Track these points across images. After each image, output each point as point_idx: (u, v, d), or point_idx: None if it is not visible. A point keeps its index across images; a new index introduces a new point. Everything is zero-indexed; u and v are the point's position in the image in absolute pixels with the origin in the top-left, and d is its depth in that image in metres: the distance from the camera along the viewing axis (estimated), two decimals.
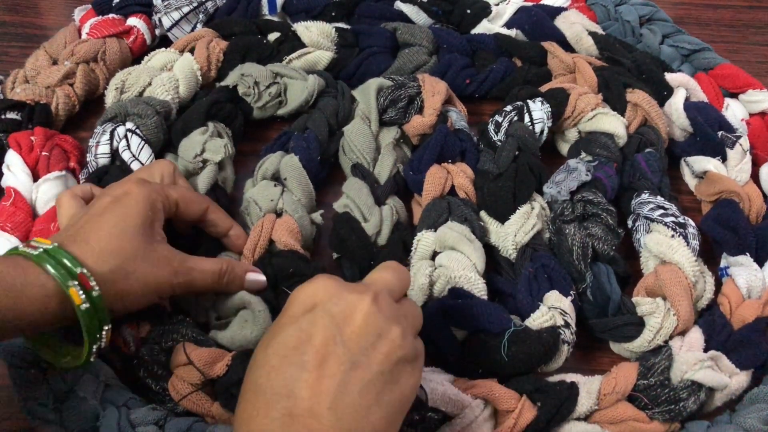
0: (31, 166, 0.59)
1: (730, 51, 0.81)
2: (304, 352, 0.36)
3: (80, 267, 0.42)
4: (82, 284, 0.42)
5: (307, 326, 0.37)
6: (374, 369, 0.37)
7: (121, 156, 0.60)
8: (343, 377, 0.36)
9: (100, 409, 0.47)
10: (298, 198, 0.59)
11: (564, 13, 0.77)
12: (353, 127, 0.64)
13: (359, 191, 0.59)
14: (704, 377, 0.50)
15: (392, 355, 0.38)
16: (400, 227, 0.59)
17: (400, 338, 0.38)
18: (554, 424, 0.49)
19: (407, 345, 0.39)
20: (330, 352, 0.36)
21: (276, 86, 0.67)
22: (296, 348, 0.36)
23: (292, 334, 0.37)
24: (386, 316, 0.38)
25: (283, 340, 0.37)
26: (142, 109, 0.61)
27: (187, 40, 0.71)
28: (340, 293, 0.38)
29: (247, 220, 0.58)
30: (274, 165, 0.60)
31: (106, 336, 0.44)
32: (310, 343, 0.36)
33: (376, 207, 0.58)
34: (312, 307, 0.38)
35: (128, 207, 0.47)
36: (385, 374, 0.37)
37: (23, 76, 0.67)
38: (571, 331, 0.52)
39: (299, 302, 0.39)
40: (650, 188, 0.61)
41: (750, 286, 0.56)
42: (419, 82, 0.66)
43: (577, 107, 0.66)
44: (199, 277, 0.49)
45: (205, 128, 0.62)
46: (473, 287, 0.53)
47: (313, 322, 0.37)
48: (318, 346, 0.36)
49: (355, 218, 0.58)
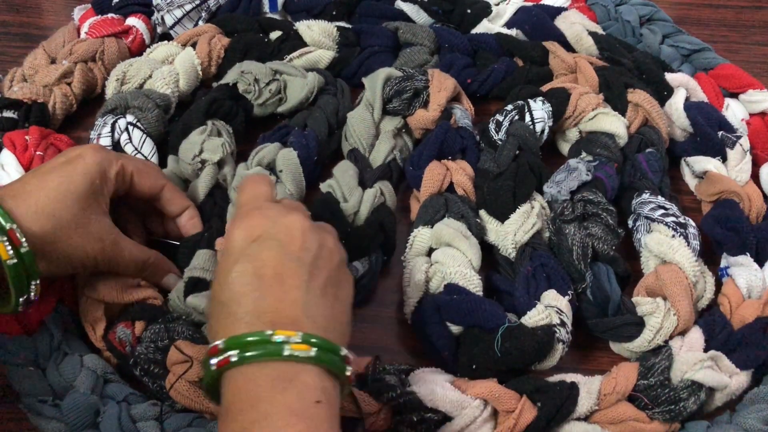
0: (26, 165, 0.59)
1: (730, 51, 0.81)
2: (262, 275, 0.39)
3: (11, 223, 0.43)
4: (11, 240, 0.43)
5: (258, 253, 0.40)
6: (324, 274, 0.41)
7: (123, 149, 0.60)
8: (306, 286, 0.39)
9: (101, 405, 0.47)
10: (290, 192, 0.59)
11: (564, 13, 0.77)
12: (356, 114, 0.64)
13: (345, 172, 0.60)
14: (704, 377, 0.50)
15: (334, 259, 0.42)
16: (383, 210, 0.59)
17: (335, 244, 0.44)
18: (554, 425, 0.49)
19: (341, 248, 0.44)
20: (287, 269, 0.39)
21: (276, 83, 0.67)
22: (255, 274, 0.39)
23: (247, 264, 0.39)
24: (316, 228, 0.43)
25: (241, 270, 0.39)
26: (143, 102, 0.62)
27: (190, 35, 0.71)
28: (274, 219, 0.41)
29: (235, 197, 0.58)
30: (271, 154, 0.60)
31: (35, 289, 0.45)
32: (267, 267, 0.39)
33: (358, 188, 0.59)
34: (256, 238, 0.40)
35: (76, 172, 0.47)
36: (332, 276, 0.42)
37: (21, 74, 0.67)
38: (566, 330, 0.52)
39: (241, 238, 0.41)
40: (651, 188, 0.61)
41: (750, 286, 0.56)
42: (428, 77, 0.66)
43: (578, 107, 0.66)
44: (123, 262, 0.49)
45: (204, 127, 0.61)
46: (469, 283, 0.53)
47: (262, 249, 0.40)
48: (275, 266, 0.39)
49: (335, 198, 0.58)
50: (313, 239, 0.41)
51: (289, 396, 0.35)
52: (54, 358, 0.49)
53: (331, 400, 0.37)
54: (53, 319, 0.50)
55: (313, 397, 0.36)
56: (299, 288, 0.39)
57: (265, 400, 0.35)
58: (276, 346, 0.36)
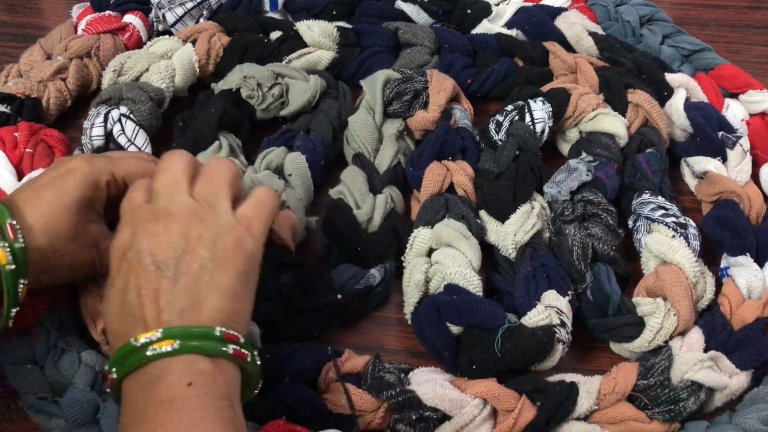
0: (16, 163, 0.59)
1: (730, 51, 0.81)
2: (131, 297, 0.40)
3: (9, 218, 0.44)
4: (8, 240, 0.43)
5: (127, 272, 0.41)
6: (195, 264, 0.41)
7: (116, 140, 0.60)
8: (173, 290, 0.40)
9: (100, 401, 0.47)
10: (299, 197, 0.59)
11: (564, 14, 0.77)
12: (357, 118, 0.64)
13: (355, 178, 0.60)
14: (704, 377, 0.50)
15: (201, 255, 0.41)
16: (395, 216, 0.59)
17: (200, 238, 0.42)
18: (554, 424, 0.49)
19: (209, 235, 0.42)
20: (156, 280, 0.40)
21: (278, 87, 0.66)
22: (125, 290, 0.40)
23: (120, 284, 0.41)
24: (182, 225, 0.42)
25: (113, 295, 0.41)
26: (136, 95, 0.62)
27: (191, 31, 0.71)
28: (140, 231, 0.42)
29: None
30: (278, 158, 0.60)
31: (23, 289, 0.45)
32: (134, 283, 0.40)
33: (370, 195, 0.59)
34: (123, 255, 0.41)
35: (67, 185, 0.47)
36: (205, 265, 0.41)
37: (17, 70, 0.67)
38: (566, 331, 0.52)
39: (113, 257, 0.42)
40: (651, 188, 0.61)
41: (750, 286, 0.56)
42: (427, 77, 0.66)
43: (578, 107, 0.66)
44: None
45: (218, 144, 0.61)
46: (468, 284, 0.53)
47: (128, 268, 0.41)
48: (142, 282, 0.40)
49: (348, 205, 0.58)
50: (175, 242, 0.41)
51: (159, 390, 0.37)
52: (52, 356, 0.49)
53: (206, 380, 0.38)
54: (49, 316, 0.50)
55: (183, 382, 0.37)
56: (167, 293, 0.40)
57: (139, 400, 0.37)
58: (140, 351, 0.38)
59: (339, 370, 0.49)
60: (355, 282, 0.55)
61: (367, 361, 0.49)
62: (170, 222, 0.42)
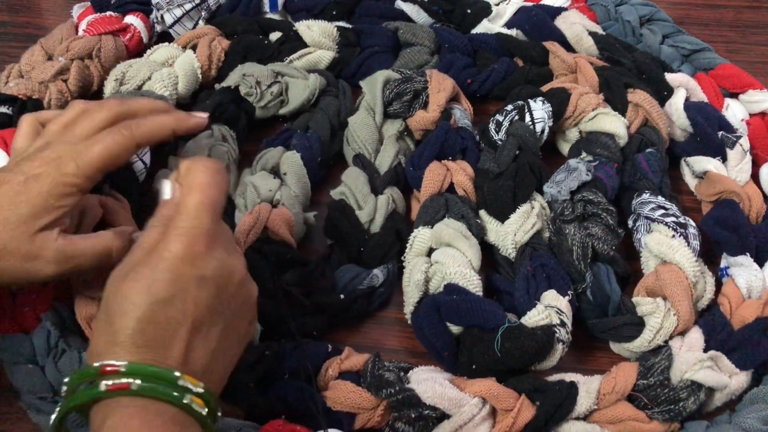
0: None
1: (730, 51, 0.81)
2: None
3: None
4: None
5: (196, 298, 0.40)
6: (189, 325, 0.39)
7: None
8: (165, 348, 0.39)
9: None
10: (295, 194, 0.59)
11: (564, 13, 0.77)
12: (357, 118, 0.64)
13: (356, 179, 0.60)
14: (704, 377, 0.50)
15: (194, 311, 0.40)
16: (396, 217, 0.59)
17: (195, 301, 0.40)
18: (553, 424, 0.49)
19: (203, 297, 0.40)
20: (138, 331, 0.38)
21: (278, 85, 0.67)
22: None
23: (181, 299, 0.39)
24: (170, 293, 0.39)
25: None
26: None
27: (190, 37, 0.71)
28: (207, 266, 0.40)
29: (241, 203, 0.58)
30: (274, 158, 0.61)
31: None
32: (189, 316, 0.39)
33: (371, 195, 0.59)
34: (200, 277, 0.40)
35: (27, 193, 0.44)
36: (200, 319, 0.40)
37: (18, 71, 0.67)
38: (566, 330, 0.52)
39: (183, 262, 0.40)
40: (651, 188, 0.61)
41: (750, 286, 0.56)
42: (426, 77, 0.66)
43: (578, 107, 0.66)
44: (85, 263, 0.47)
45: (210, 132, 0.61)
46: (468, 284, 0.53)
47: (201, 293, 0.40)
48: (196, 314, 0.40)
49: (350, 205, 0.58)
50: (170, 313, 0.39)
51: None
52: (52, 355, 0.49)
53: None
54: (50, 316, 0.50)
55: None
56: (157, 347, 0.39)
57: None
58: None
59: (319, 403, 0.48)
60: (358, 282, 0.55)
61: (367, 359, 0.49)
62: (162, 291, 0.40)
